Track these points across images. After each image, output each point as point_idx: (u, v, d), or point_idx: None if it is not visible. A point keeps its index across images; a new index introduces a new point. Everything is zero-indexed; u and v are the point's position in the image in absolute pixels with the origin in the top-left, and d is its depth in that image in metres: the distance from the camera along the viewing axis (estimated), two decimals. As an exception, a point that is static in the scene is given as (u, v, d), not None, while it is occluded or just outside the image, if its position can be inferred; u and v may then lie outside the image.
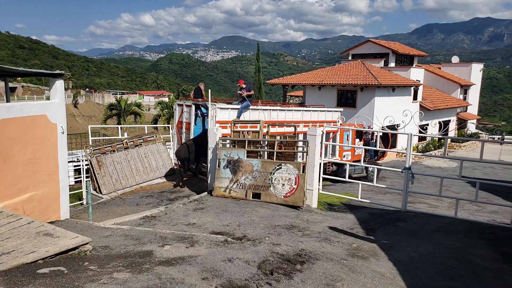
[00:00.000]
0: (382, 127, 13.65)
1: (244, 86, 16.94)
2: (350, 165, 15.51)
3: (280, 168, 11.98)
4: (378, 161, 22.91)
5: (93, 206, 12.89)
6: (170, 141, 19.39)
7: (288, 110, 19.07)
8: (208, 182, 13.77)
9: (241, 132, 13.77)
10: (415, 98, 35.15)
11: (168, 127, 21.57)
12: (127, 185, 15.84)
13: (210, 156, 13.61)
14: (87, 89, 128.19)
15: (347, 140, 20.85)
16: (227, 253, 6.91)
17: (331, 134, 19.75)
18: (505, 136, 41.53)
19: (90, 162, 15.56)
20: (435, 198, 14.86)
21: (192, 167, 16.98)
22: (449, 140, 34.65)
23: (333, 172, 19.20)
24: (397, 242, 8.58)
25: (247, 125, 14.64)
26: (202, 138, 15.41)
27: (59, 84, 8.90)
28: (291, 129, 15.66)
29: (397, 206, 12.07)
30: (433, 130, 37.35)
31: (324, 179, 14.00)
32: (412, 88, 34.29)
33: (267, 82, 42.06)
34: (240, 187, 12.53)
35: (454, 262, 7.41)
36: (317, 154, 12.22)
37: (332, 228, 9.66)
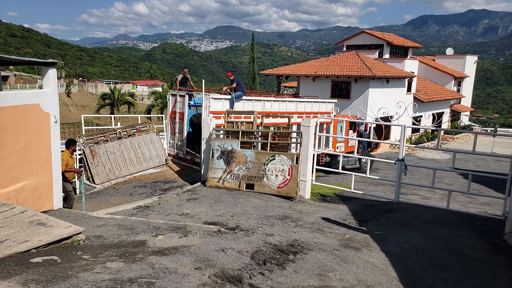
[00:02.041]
0: (376, 118, 13.69)
1: (232, 78, 16.87)
2: (344, 157, 15.58)
3: (274, 159, 12.00)
4: (371, 153, 22.98)
5: (86, 195, 12.86)
6: (163, 131, 19.35)
7: (282, 101, 19.05)
8: (202, 172, 13.78)
9: (235, 123, 13.76)
10: (409, 90, 35.22)
11: (162, 117, 21.53)
12: (120, 175, 15.81)
13: (203, 146, 13.60)
14: (80, 78, 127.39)
15: (341, 131, 20.89)
16: (220, 243, 6.93)
17: (324, 125, 19.78)
18: (498, 129, 41.76)
19: (83, 152, 15.51)
20: (427, 189, 14.95)
21: (186, 157, 16.99)
22: (442, 132, 34.78)
23: (327, 163, 19.24)
24: (389, 233, 8.64)
25: (241, 115, 14.62)
26: None
27: (52, 73, 8.84)
28: (285, 120, 15.69)
29: (389, 198, 12.14)
30: (426, 122, 37.46)
31: (317, 170, 14.04)
32: (406, 79, 34.34)
33: (261, 72, 41.98)
34: (234, 177, 12.55)
35: (445, 253, 7.48)
36: (310, 145, 12.25)
37: (325, 219, 9.71)
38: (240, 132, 12.99)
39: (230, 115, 14.22)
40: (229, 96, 16.21)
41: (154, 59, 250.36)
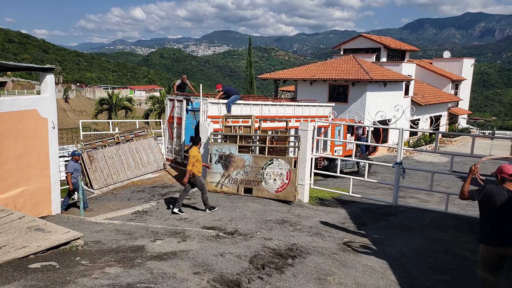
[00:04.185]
0: (374, 122, 13.71)
1: (221, 89, 16.82)
2: (342, 160, 15.59)
3: (272, 163, 12.00)
4: (369, 156, 22.99)
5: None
6: (161, 136, 19.33)
7: (279, 105, 19.06)
8: (200, 177, 13.77)
9: (232, 127, 13.77)
10: (406, 93, 35.26)
11: (160, 122, 21.51)
12: (119, 180, 15.78)
13: (201, 151, 13.60)
14: (78, 83, 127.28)
15: (339, 135, 20.90)
16: (219, 248, 6.93)
17: (322, 129, 19.79)
18: (496, 131, 41.81)
19: (81, 157, 15.49)
20: (426, 192, 14.96)
21: (184, 162, 16.97)
22: (440, 135, 34.84)
23: (325, 167, 19.23)
24: (388, 236, 8.64)
25: (238, 120, 14.63)
26: None
27: (50, 78, 8.86)
28: (283, 124, 15.69)
29: (388, 201, 12.15)
30: (424, 125, 37.51)
31: (315, 174, 14.05)
32: (404, 83, 34.38)
33: (258, 77, 41.96)
34: (232, 182, 12.55)
35: (444, 256, 7.49)
36: (308, 149, 12.25)
37: (324, 222, 9.71)
38: (238, 136, 12.99)
39: (228, 120, 14.22)
40: (226, 101, 16.22)
41: (151, 64, 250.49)
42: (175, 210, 10.51)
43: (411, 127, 22.36)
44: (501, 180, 5.59)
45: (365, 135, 21.70)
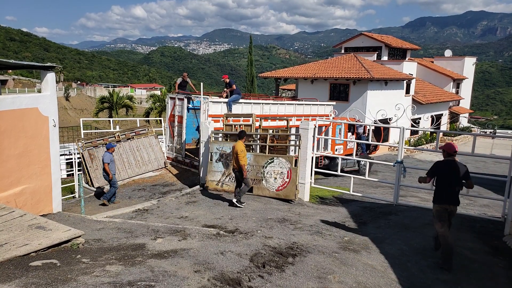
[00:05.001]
0: (375, 120, 13.70)
1: (227, 81, 16.91)
2: (342, 159, 15.57)
3: (273, 161, 12.00)
4: (370, 155, 22.98)
5: (86, 199, 12.87)
6: (162, 135, 19.34)
7: (280, 103, 19.06)
8: (200, 175, 13.79)
9: (233, 126, 13.77)
10: (407, 92, 35.23)
11: (160, 120, 21.51)
12: (119, 178, 15.78)
13: (202, 149, 13.61)
14: (78, 82, 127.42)
15: (339, 133, 20.88)
16: (220, 246, 6.93)
17: (323, 128, 19.78)
18: (497, 130, 41.76)
19: (82, 155, 15.51)
20: (426, 191, 14.93)
21: (185, 160, 17.00)
22: (441, 134, 34.79)
23: (325, 166, 19.23)
24: (388, 235, 8.64)
25: (239, 118, 14.63)
26: None
27: (51, 76, 8.86)
28: (284, 123, 15.70)
29: (388, 200, 12.14)
30: (425, 123, 37.50)
31: (316, 172, 14.06)
32: (405, 81, 34.35)
33: (259, 75, 41.93)
34: (233, 180, 12.55)
35: (445, 255, 7.47)
36: (309, 147, 12.25)
37: (324, 221, 9.71)
38: (239, 135, 12.99)
39: (228, 118, 14.23)
40: (226, 100, 16.24)
41: (152, 62, 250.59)
42: (234, 200, 10.86)
43: (412, 126, 22.37)
44: (446, 155, 7.29)
45: (366, 134, 21.69)
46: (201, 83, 16.02)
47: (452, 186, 7.04)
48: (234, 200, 10.86)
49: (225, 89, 16.90)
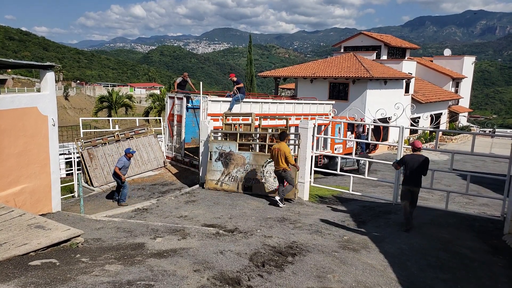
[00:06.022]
0: (374, 119, 13.70)
1: (235, 79, 16.89)
2: (342, 158, 15.57)
3: (272, 161, 12.00)
4: (369, 154, 22.99)
5: (85, 198, 12.86)
6: (161, 134, 19.32)
7: (280, 102, 19.05)
8: (200, 175, 13.79)
9: (232, 125, 13.76)
10: (407, 91, 35.23)
11: (160, 119, 21.49)
12: (119, 177, 15.79)
13: (201, 149, 13.60)
14: (78, 81, 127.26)
15: (339, 133, 20.88)
16: (219, 245, 6.93)
17: (322, 127, 19.78)
18: (496, 129, 41.78)
19: (82, 155, 15.50)
20: (426, 190, 14.93)
21: (184, 160, 16.99)
22: (440, 133, 34.82)
23: (325, 165, 19.22)
24: (388, 234, 8.65)
25: (238, 118, 14.63)
26: None
27: (50, 76, 8.85)
28: (283, 122, 15.67)
29: (388, 199, 12.15)
30: (424, 123, 37.50)
31: (315, 172, 14.05)
32: (404, 81, 34.35)
33: (259, 74, 41.91)
34: (232, 179, 12.55)
35: (444, 254, 7.49)
36: (308, 147, 12.25)
37: (324, 220, 9.72)
38: (238, 134, 12.99)
39: (228, 117, 14.22)
40: (227, 98, 16.22)
41: (151, 61, 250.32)
42: (277, 198, 11.02)
43: (412, 125, 22.36)
44: (412, 150, 9.52)
45: (366, 133, 21.68)
46: (201, 82, 16.00)
47: (413, 173, 9.25)
48: (277, 198, 10.98)
49: (234, 88, 16.80)
